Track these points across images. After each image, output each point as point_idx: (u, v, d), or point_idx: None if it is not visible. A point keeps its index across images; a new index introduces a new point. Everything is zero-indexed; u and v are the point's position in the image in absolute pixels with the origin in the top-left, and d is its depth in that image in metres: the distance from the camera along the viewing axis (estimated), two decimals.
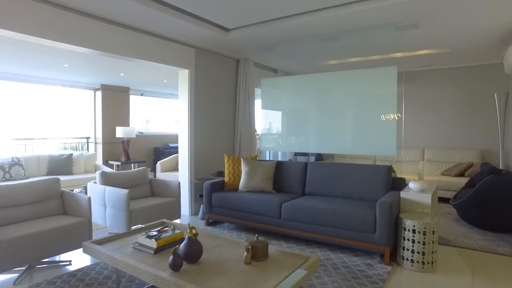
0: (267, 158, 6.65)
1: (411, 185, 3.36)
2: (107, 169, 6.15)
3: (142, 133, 7.87)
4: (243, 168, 4.29)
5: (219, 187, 4.32)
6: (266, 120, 5.58)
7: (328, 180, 3.97)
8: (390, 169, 3.66)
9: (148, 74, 6.00)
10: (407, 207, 3.29)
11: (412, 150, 6.34)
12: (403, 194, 3.32)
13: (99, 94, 6.81)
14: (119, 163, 6.64)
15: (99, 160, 6.82)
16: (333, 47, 4.84)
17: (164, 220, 3.24)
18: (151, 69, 5.59)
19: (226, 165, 4.41)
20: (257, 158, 4.57)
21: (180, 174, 4.92)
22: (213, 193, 4.22)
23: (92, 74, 5.91)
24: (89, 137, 6.88)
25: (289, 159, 5.45)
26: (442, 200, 5.59)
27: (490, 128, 5.86)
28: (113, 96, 7.03)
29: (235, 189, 4.33)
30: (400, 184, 3.73)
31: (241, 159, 4.36)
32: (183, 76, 4.82)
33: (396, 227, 3.17)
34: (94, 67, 5.33)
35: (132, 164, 6.94)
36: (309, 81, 4.44)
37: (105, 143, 6.88)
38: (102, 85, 6.79)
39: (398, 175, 5.76)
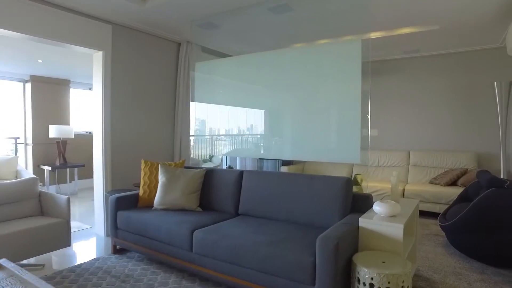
0: (224, 166, 5.48)
1: (376, 207, 2.21)
2: (29, 175, 4.99)
3: (90, 132, 6.72)
4: (160, 178, 3.14)
5: (131, 202, 3.18)
6: (220, 117, 4.43)
7: (268, 196, 2.82)
8: (349, 183, 2.51)
9: (76, 62, 4.85)
10: (368, 242, 2.14)
11: (395, 153, 5.19)
12: (362, 221, 2.17)
13: (28, 86, 5.66)
14: (52, 168, 5.48)
15: (29, 165, 5.67)
16: (286, 22, 3.69)
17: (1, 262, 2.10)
18: (75, 56, 4.45)
19: (142, 174, 3.27)
20: (185, 165, 3.42)
21: (95, 184, 3.77)
22: (119, 211, 3.07)
23: (9, 62, 4.77)
24: (18, 138, 5.74)
25: (229, 166, 4.27)
26: (429, 215, 4.43)
27: (488, 126, 4.71)
28: (48, 89, 5.88)
29: (151, 205, 3.19)
30: (366, 203, 2.57)
31: (159, 166, 3.21)
32: (97, 60, 3.68)
33: (349, 276, 2.02)
34: None
35: (68, 169, 5.80)
36: (251, 62, 3.30)
37: (36, 144, 5.73)
38: (32, 76, 5.64)
39: (369, 187, 4.62)
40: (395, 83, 5.34)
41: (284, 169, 5.40)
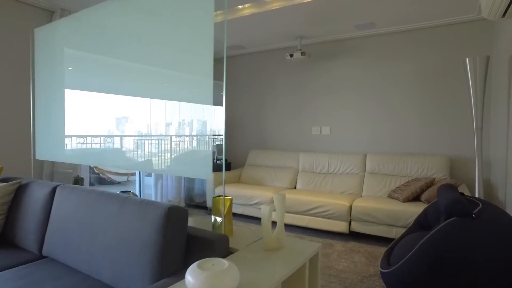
0: (139, 182, 4.28)
1: (188, 278, 1.03)
2: None
3: None
4: None
5: None
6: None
7: (77, 229, 1.64)
8: (175, 217, 1.33)
9: None
10: None
11: (348, 157, 4.02)
12: None
13: None
14: None
15: None
16: None
17: None
18: None
19: None
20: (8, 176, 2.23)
21: None
22: None
23: None
24: None
25: (76, 180, 2.91)
26: (383, 241, 3.25)
27: (463, 123, 3.56)
28: None
29: None
30: (216, 252, 1.40)
31: None
32: None
33: None
34: None
35: None
36: (97, 20, 2.12)
37: None
38: None
39: (310, 203, 3.40)
40: (349, 69, 4.19)
41: (211, 178, 4.21)
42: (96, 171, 5.45)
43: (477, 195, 2.89)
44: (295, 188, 4.20)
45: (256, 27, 3.84)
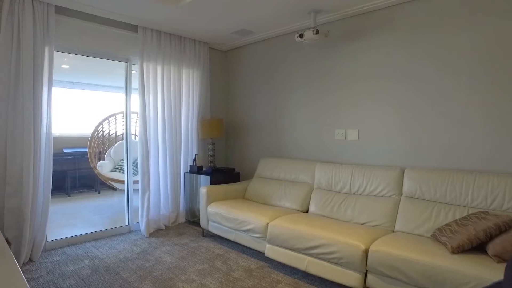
0: (127, 192, 3.69)
1: None
2: None
3: None
4: None
5: None
6: None
7: None
8: None
9: None
10: None
11: (378, 172, 2.83)
12: None
13: None
14: None
15: None
16: None
17: None
18: None
19: None
20: None
21: None
22: None
23: None
24: None
25: None
26: None
27: None
28: None
29: None
30: None
31: None
32: None
33: None
34: None
35: None
36: None
37: None
38: None
39: (284, 231, 2.31)
40: (381, 51, 2.98)
41: (203, 192, 3.42)
42: (100, 178, 5.11)
43: None
44: (307, 211, 3.17)
45: (260, 1, 2.93)
